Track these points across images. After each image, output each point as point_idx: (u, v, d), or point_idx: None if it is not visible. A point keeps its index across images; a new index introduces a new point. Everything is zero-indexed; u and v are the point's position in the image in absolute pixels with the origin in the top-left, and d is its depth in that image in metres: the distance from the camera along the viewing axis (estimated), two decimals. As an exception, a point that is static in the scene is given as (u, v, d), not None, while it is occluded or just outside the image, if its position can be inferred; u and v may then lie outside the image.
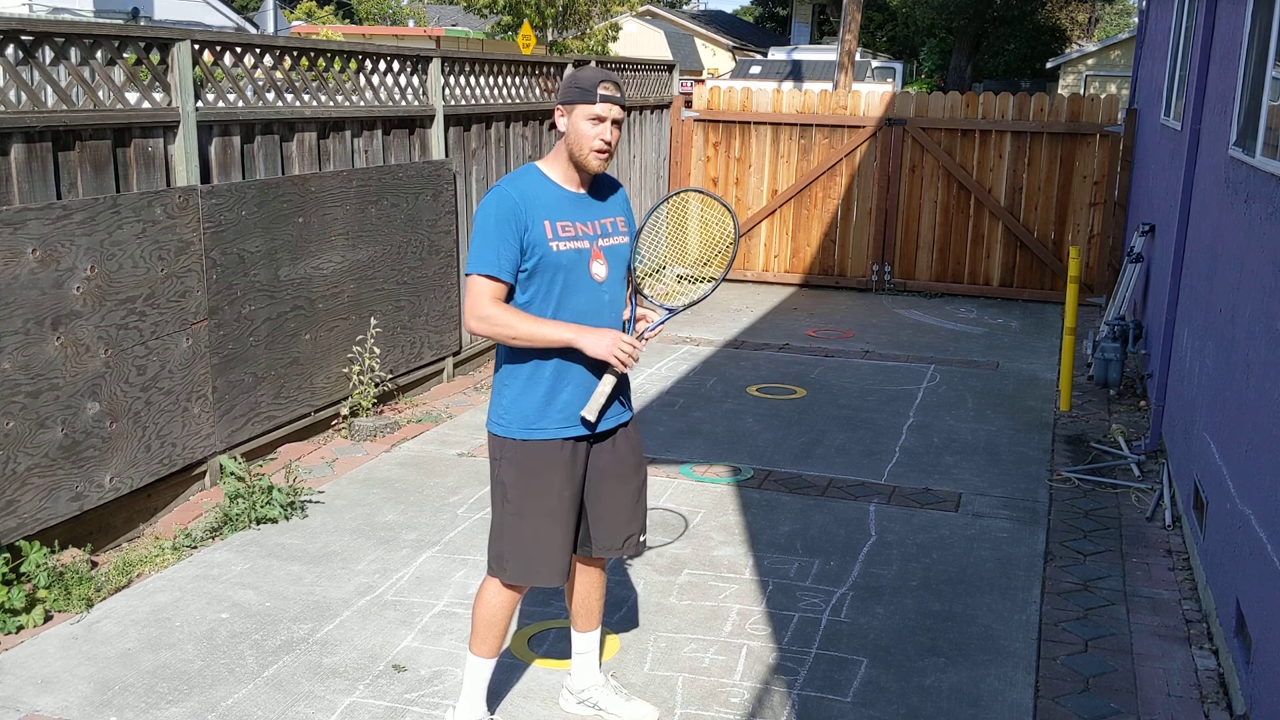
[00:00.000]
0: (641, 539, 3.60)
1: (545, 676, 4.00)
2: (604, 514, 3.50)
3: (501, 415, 3.38)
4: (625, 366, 3.29)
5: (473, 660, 3.54)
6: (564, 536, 3.42)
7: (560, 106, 3.29)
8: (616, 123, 3.28)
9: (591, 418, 3.32)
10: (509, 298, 3.30)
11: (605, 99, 3.23)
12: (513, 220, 3.22)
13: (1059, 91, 33.54)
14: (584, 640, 3.75)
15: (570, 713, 3.78)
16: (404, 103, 7.25)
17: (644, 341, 3.38)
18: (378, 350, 6.78)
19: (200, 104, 5.54)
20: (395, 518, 5.39)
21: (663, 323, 3.49)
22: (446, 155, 7.70)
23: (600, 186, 3.43)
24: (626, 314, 3.44)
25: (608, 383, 3.32)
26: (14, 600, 4.24)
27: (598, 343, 3.25)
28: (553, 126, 3.42)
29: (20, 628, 4.24)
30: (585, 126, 3.24)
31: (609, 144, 3.26)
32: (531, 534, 3.38)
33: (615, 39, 31.33)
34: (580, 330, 3.26)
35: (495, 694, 3.86)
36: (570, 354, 3.31)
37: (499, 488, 3.42)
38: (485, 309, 3.24)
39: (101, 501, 4.90)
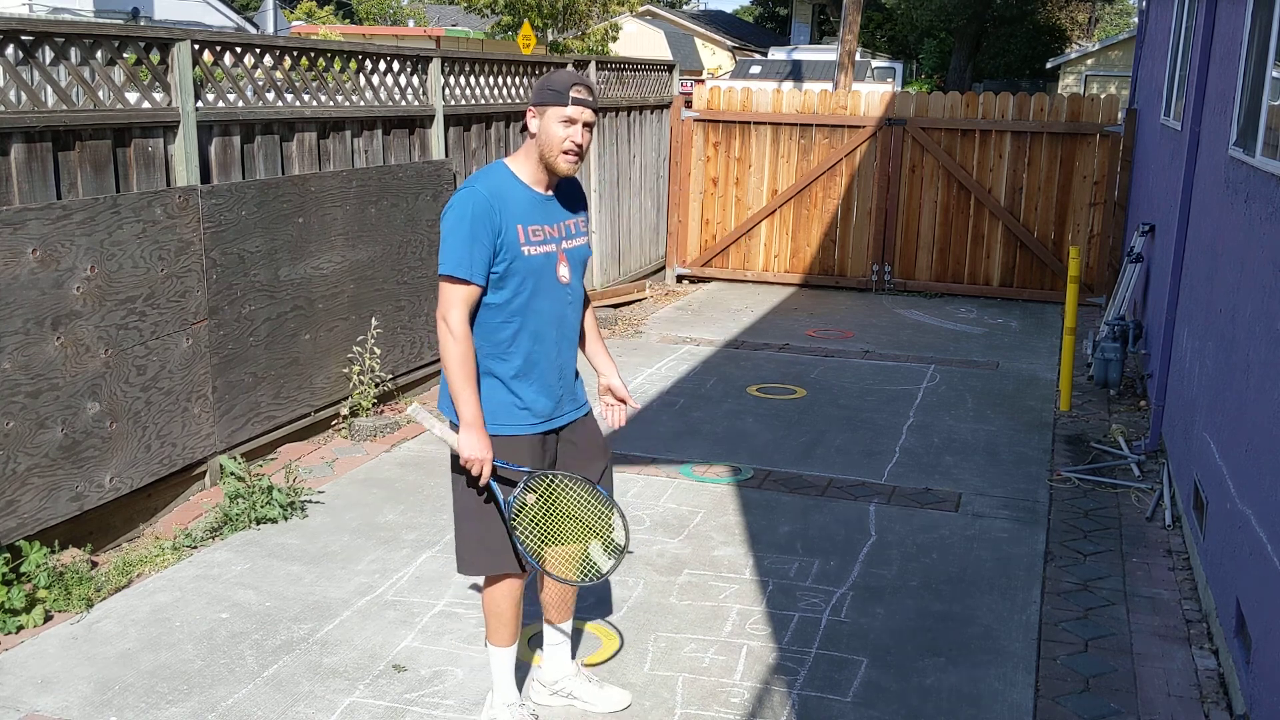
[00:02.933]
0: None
1: (545, 676, 4.00)
2: None
3: None
4: (470, 467, 3.29)
5: (490, 650, 3.60)
6: None
7: (532, 108, 3.33)
8: (588, 125, 3.32)
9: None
10: (480, 299, 3.31)
11: (578, 101, 3.28)
12: (487, 222, 3.23)
13: (1059, 91, 33.54)
14: (557, 631, 3.78)
15: (543, 705, 3.79)
16: (404, 103, 7.25)
17: (489, 481, 3.33)
18: (378, 350, 6.78)
19: (200, 104, 5.54)
20: (395, 518, 5.39)
21: (512, 503, 3.36)
22: (446, 155, 7.70)
23: (562, 187, 3.47)
24: (532, 500, 3.36)
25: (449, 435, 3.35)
26: (14, 600, 4.24)
27: (473, 445, 3.25)
28: (524, 128, 3.42)
29: (20, 628, 4.24)
30: (557, 129, 3.29)
31: (580, 146, 3.31)
32: (490, 521, 3.40)
33: (615, 39, 31.31)
34: (474, 425, 3.26)
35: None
36: (535, 353, 3.37)
37: (455, 479, 3.43)
38: (457, 321, 3.24)
39: (101, 501, 4.90)
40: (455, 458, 3.37)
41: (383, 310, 6.92)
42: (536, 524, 3.38)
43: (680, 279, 11.95)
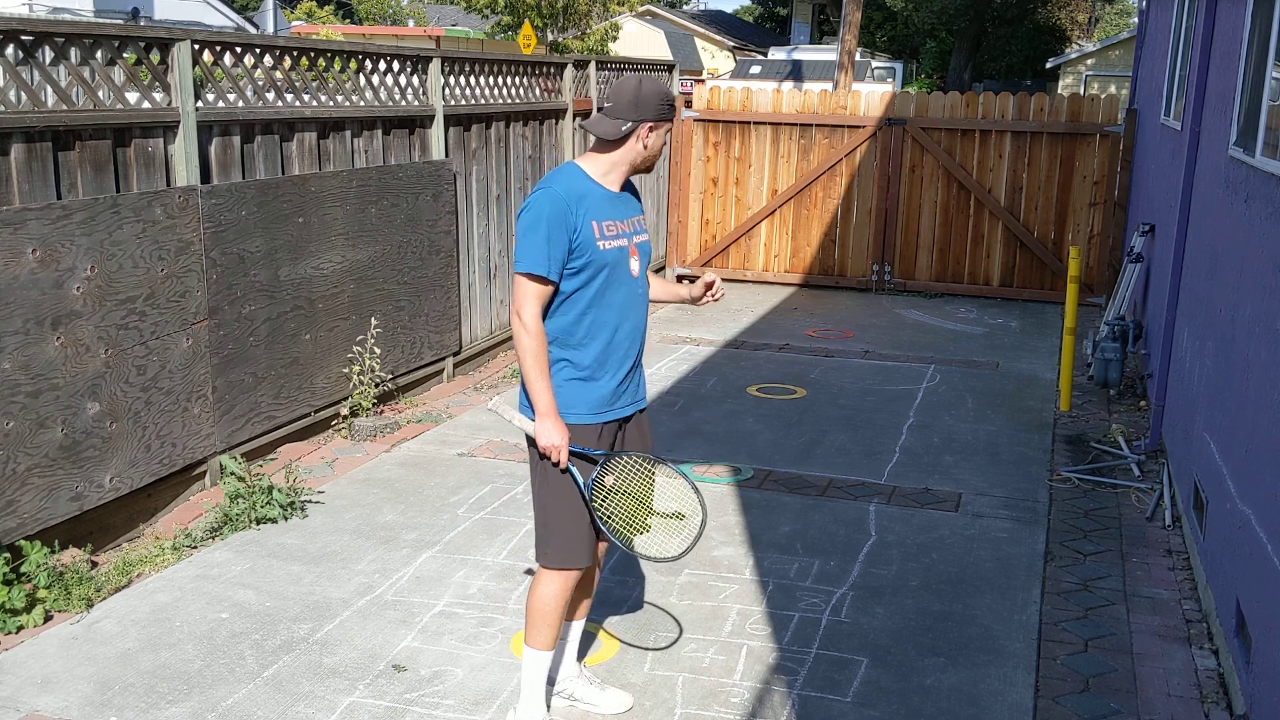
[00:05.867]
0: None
1: (545, 676, 3.99)
2: None
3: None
4: (548, 454, 3.40)
5: (527, 654, 3.56)
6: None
7: (652, 122, 3.44)
8: None
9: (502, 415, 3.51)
10: (553, 295, 3.41)
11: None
12: (564, 221, 3.33)
13: (1059, 91, 33.53)
14: (570, 628, 3.78)
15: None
16: (404, 103, 7.25)
17: (567, 465, 3.42)
18: (378, 350, 6.78)
19: (200, 104, 5.54)
20: (395, 518, 5.40)
21: (591, 484, 3.46)
22: (446, 155, 7.70)
23: (626, 186, 3.60)
24: (611, 481, 3.46)
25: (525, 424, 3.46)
26: (14, 600, 4.24)
27: (549, 432, 3.36)
28: (626, 136, 3.48)
29: (20, 628, 4.24)
30: (659, 140, 3.48)
31: None
32: (575, 512, 3.46)
33: (615, 39, 31.31)
34: (549, 414, 3.37)
35: (496, 693, 3.86)
36: (610, 343, 3.45)
37: (540, 470, 3.49)
38: (530, 316, 3.36)
39: (101, 501, 4.90)
40: (538, 451, 3.45)
41: (383, 310, 6.92)
42: (617, 504, 3.45)
43: (680, 279, 11.95)
